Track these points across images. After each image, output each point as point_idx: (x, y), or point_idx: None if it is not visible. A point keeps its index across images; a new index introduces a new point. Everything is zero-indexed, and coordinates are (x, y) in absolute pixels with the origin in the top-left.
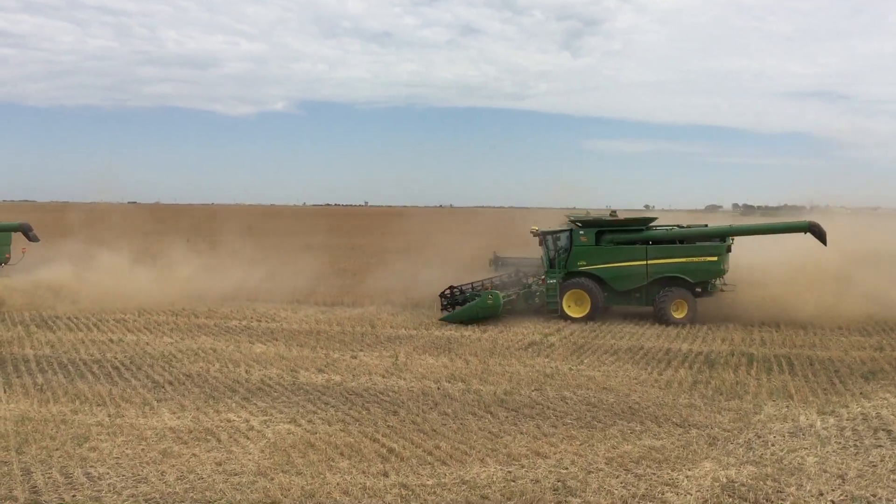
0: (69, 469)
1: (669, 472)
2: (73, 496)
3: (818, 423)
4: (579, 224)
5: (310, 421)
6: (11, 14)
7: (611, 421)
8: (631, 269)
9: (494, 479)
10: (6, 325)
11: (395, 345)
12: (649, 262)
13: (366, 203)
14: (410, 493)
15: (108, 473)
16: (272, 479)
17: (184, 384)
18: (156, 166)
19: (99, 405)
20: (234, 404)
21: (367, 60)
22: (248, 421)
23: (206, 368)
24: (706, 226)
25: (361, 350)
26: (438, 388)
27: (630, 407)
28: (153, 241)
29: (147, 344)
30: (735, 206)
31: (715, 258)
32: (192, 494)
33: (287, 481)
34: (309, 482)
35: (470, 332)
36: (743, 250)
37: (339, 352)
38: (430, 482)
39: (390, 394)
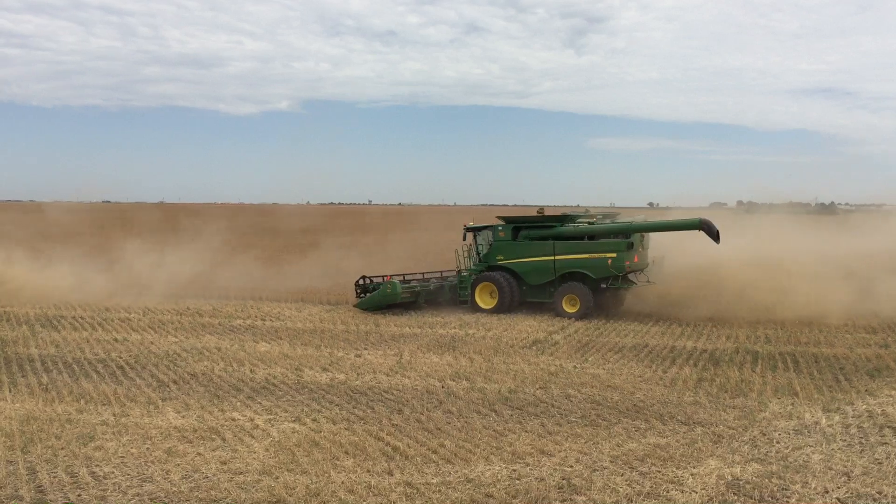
0: (74, 468)
1: (674, 469)
2: (79, 495)
3: (823, 421)
4: (501, 220)
5: (314, 420)
6: (15, 14)
7: (615, 419)
8: (541, 263)
9: (499, 478)
10: (11, 324)
11: (400, 343)
12: (556, 257)
13: (370, 202)
14: (415, 491)
15: (113, 472)
16: (277, 477)
17: (188, 383)
18: (160, 166)
19: (104, 404)
20: (238, 403)
21: (371, 59)
22: (252, 420)
23: (210, 367)
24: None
25: (366, 349)
26: (443, 387)
27: (635, 405)
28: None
29: (152, 343)
30: (739, 203)
31: (615, 254)
32: (197, 493)
33: (292, 480)
34: (314, 481)
35: (474, 331)
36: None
37: (344, 350)
38: (434, 481)
39: (395, 392)
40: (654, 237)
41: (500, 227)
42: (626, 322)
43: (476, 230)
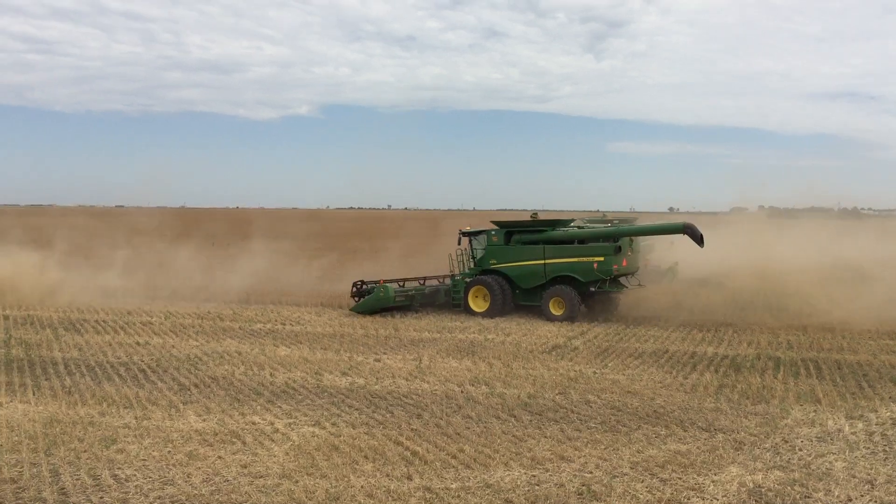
0: (97, 471)
1: (695, 476)
2: (101, 498)
3: (846, 428)
4: (495, 225)
5: (334, 424)
6: (40, 20)
7: (635, 425)
8: (532, 267)
9: (518, 483)
10: (35, 328)
11: (419, 348)
12: (546, 261)
13: (389, 206)
14: (434, 496)
15: (135, 475)
16: (297, 481)
17: (209, 387)
18: (181, 171)
19: (126, 407)
20: (258, 407)
21: (391, 64)
22: (272, 424)
23: (231, 371)
24: (608, 226)
25: (385, 353)
26: (462, 392)
27: (655, 411)
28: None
29: (173, 347)
30: (761, 208)
31: (602, 258)
32: (217, 497)
33: (311, 484)
34: (333, 485)
35: (493, 336)
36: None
37: (363, 355)
38: (454, 486)
39: (414, 397)
40: (669, 245)
41: (493, 232)
42: (647, 327)
43: (471, 235)
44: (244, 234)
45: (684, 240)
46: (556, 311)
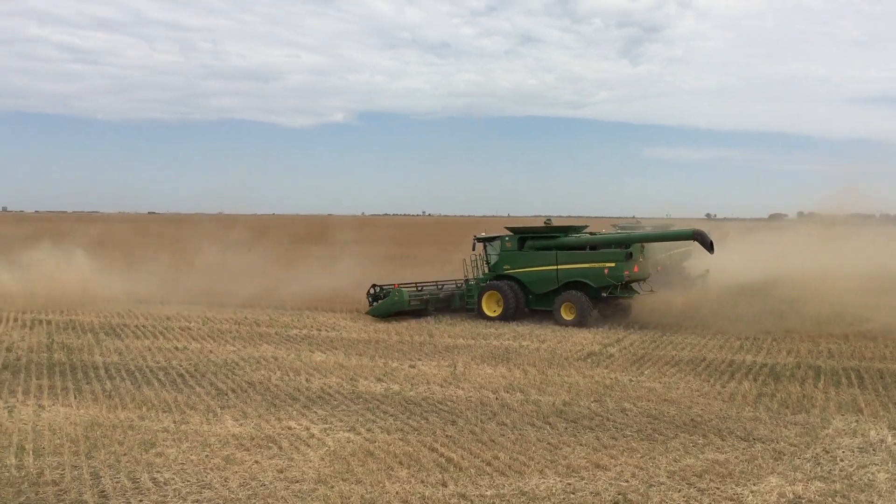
0: (136, 474)
1: (733, 486)
2: (140, 501)
3: (889, 439)
4: (509, 231)
5: (369, 430)
6: (83, 31)
7: (672, 433)
8: (545, 273)
9: (554, 491)
10: (77, 332)
11: (453, 354)
12: (559, 267)
13: (424, 213)
14: (469, 503)
15: (173, 479)
16: (332, 486)
17: (246, 392)
18: (218, 178)
19: (165, 411)
20: (294, 412)
21: (426, 71)
22: (308, 429)
23: (267, 377)
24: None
25: (419, 359)
26: (497, 399)
27: (692, 419)
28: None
29: (211, 352)
30: (800, 214)
31: (614, 264)
32: (254, 501)
33: (347, 489)
34: (368, 491)
35: (528, 343)
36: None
37: (398, 361)
38: (488, 493)
39: (448, 403)
40: (697, 253)
41: (507, 238)
42: (683, 335)
43: (486, 240)
44: (277, 240)
45: (721, 247)
46: (567, 315)
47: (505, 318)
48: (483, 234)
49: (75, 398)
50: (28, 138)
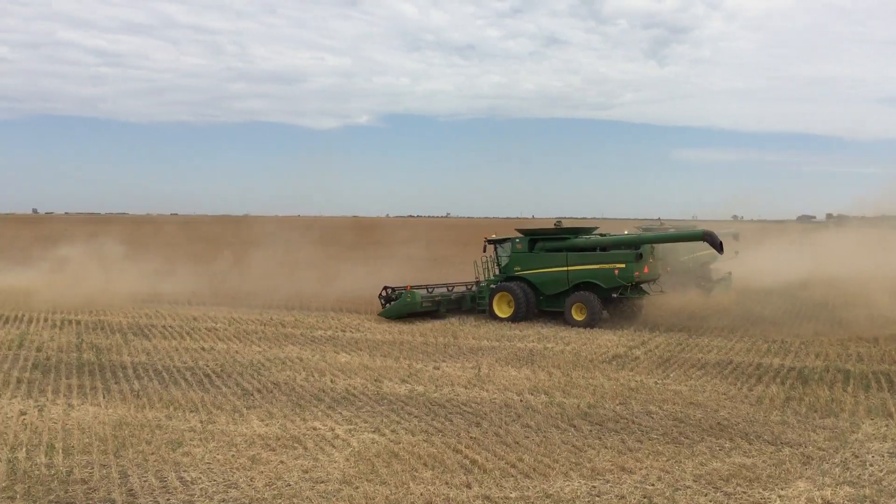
0: (164, 473)
1: (761, 491)
2: (168, 500)
3: None
4: (520, 233)
5: (393, 431)
6: (112, 34)
7: (699, 437)
8: (555, 274)
9: (579, 494)
10: (105, 333)
11: (478, 356)
12: (569, 268)
13: (447, 214)
14: None
15: (200, 478)
16: (357, 487)
17: (272, 392)
18: (244, 180)
19: (191, 411)
20: (319, 413)
21: (450, 73)
22: (333, 429)
23: (292, 377)
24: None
25: (444, 361)
26: (521, 401)
27: (719, 423)
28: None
29: (237, 352)
30: (829, 216)
31: (624, 265)
32: (280, 501)
33: (371, 490)
34: (393, 492)
35: (553, 345)
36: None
37: (422, 362)
38: (513, 495)
39: (473, 405)
40: (733, 255)
41: (517, 240)
42: (710, 338)
43: (496, 242)
44: (311, 242)
45: (749, 249)
46: (578, 316)
47: (516, 318)
48: (494, 236)
49: (104, 397)
50: (58, 141)
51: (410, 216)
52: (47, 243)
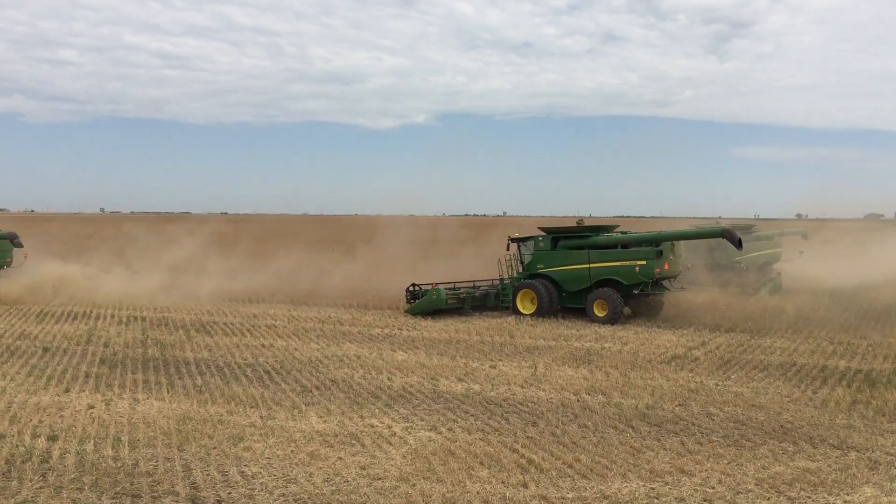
0: (225, 467)
1: (826, 496)
2: (229, 493)
3: None
4: (542, 231)
5: (450, 429)
6: (175, 38)
7: (761, 440)
8: (577, 271)
9: (637, 496)
10: (169, 329)
11: (534, 355)
12: (591, 265)
13: (504, 213)
14: None
15: (260, 473)
16: (414, 485)
17: (330, 389)
18: (303, 179)
19: (252, 407)
20: (377, 410)
21: (507, 71)
22: (390, 427)
23: (350, 374)
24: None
25: (500, 360)
26: (578, 400)
27: (782, 426)
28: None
29: (296, 350)
30: None
31: (644, 262)
32: (338, 497)
33: (428, 488)
34: (449, 490)
35: (610, 345)
36: None
37: (479, 361)
38: (570, 495)
39: (529, 404)
40: (798, 254)
41: (540, 238)
42: (772, 339)
43: (520, 241)
44: (369, 240)
45: (815, 249)
46: (599, 312)
47: (539, 314)
48: (517, 235)
49: (168, 392)
50: (124, 142)
51: (466, 215)
52: (168, 244)
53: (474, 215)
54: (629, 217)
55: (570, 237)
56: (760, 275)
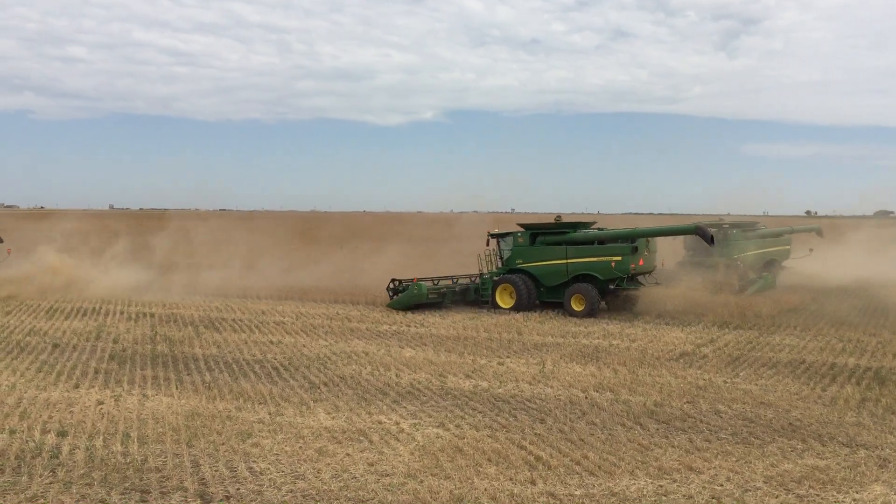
0: (234, 463)
1: (835, 494)
2: (238, 489)
3: None
4: (521, 227)
5: (458, 426)
6: (185, 34)
7: (769, 437)
8: (555, 266)
9: (645, 493)
10: (178, 325)
11: (542, 352)
12: (569, 261)
13: (512, 210)
14: (558, 502)
15: (268, 469)
16: (421, 481)
17: (338, 386)
18: (313, 176)
19: (260, 403)
20: (385, 407)
21: (516, 68)
22: (398, 423)
23: (358, 371)
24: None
25: (508, 357)
26: (586, 397)
27: (790, 423)
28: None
29: (304, 346)
30: None
31: (620, 258)
32: (346, 493)
33: (436, 485)
34: (457, 486)
35: (619, 342)
36: None
37: (486, 358)
38: (578, 492)
39: (537, 401)
40: (807, 252)
41: (519, 234)
42: (781, 336)
43: (499, 237)
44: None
45: (825, 246)
46: (577, 307)
47: (518, 309)
48: (496, 231)
49: (177, 388)
50: (133, 139)
51: (476, 211)
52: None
53: (483, 212)
54: (637, 215)
55: (548, 233)
56: (763, 272)
